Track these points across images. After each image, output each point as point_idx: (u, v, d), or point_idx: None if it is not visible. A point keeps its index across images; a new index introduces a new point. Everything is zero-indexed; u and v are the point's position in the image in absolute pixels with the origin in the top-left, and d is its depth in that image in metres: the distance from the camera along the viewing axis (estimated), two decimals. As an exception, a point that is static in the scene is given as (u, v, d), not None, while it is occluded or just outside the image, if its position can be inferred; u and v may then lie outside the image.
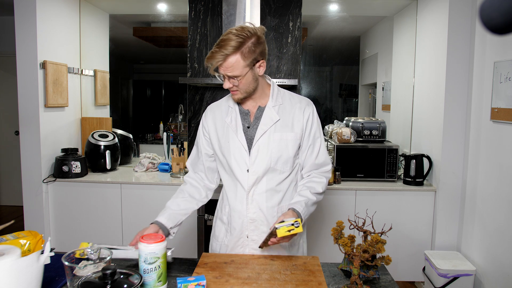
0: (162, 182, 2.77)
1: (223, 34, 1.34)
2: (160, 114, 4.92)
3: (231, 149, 1.45)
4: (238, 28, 1.34)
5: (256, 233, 1.47)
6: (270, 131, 1.44)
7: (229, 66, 1.33)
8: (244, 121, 1.47)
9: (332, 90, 4.45)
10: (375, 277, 1.28)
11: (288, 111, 1.47)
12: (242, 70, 1.34)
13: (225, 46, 1.30)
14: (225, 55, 1.31)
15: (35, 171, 2.79)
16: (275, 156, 1.44)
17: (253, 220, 1.47)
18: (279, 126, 1.45)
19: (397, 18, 3.57)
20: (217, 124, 1.50)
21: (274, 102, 1.47)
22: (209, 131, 1.52)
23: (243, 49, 1.32)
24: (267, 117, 1.45)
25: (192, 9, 3.05)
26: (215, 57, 1.32)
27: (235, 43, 1.30)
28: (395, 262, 2.71)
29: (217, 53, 1.31)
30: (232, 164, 1.45)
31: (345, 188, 2.74)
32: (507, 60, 2.16)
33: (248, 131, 1.46)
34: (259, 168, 1.43)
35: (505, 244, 2.18)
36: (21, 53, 2.73)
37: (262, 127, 1.44)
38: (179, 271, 1.32)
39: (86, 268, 1.06)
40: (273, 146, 1.43)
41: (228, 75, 1.35)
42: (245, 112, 1.48)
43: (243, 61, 1.33)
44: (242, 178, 1.45)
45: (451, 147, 2.64)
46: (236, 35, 1.31)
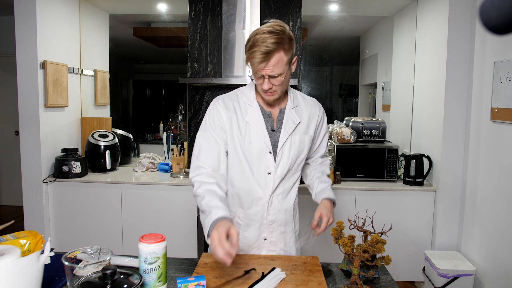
0: (162, 182, 2.77)
1: (255, 34, 1.28)
2: (160, 114, 4.92)
3: (254, 151, 1.39)
4: (273, 25, 1.28)
5: (275, 234, 1.48)
6: (293, 134, 1.44)
7: (273, 64, 1.27)
8: (268, 123, 1.42)
9: (332, 90, 4.45)
10: (375, 277, 1.28)
11: (304, 113, 1.47)
12: (284, 67, 1.30)
13: (267, 44, 1.24)
14: (269, 52, 1.24)
15: (35, 171, 2.79)
16: (294, 158, 1.45)
17: (272, 221, 1.46)
18: (298, 128, 1.45)
19: (397, 18, 3.57)
20: (233, 121, 1.40)
21: (292, 103, 1.45)
22: (225, 125, 1.40)
23: (284, 45, 1.28)
24: (290, 120, 1.43)
25: (192, 9, 3.05)
26: (256, 57, 1.25)
27: (276, 39, 1.25)
28: (395, 262, 2.71)
29: (260, 53, 1.24)
30: (253, 166, 1.41)
31: (345, 188, 2.74)
32: (507, 60, 2.16)
33: (273, 134, 1.42)
34: (282, 171, 1.43)
35: (505, 244, 2.18)
36: (21, 53, 2.73)
37: (286, 130, 1.42)
38: (179, 271, 1.32)
39: (86, 268, 1.06)
40: (294, 148, 1.44)
41: (271, 75, 1.29)
42: (267, 113, 1.43)
43: (285, 57, 1.29)
44: (263, 181, 1.42)
45: (451, 147, 2.64)
46: (272, 32, 1.26)
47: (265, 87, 1.32)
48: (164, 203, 2.77)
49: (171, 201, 2.76)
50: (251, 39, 1.29)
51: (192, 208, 2.74)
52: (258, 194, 1.44)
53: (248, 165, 1.41)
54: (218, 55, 3.05)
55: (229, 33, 2.82)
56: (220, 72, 3.05)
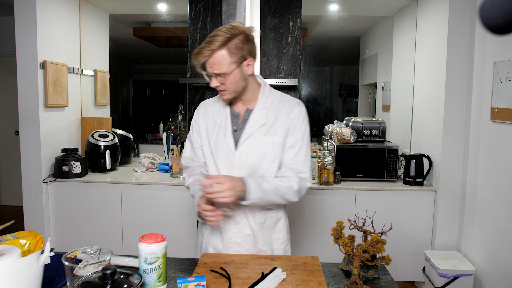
0: (162, 182, 2.77)
1: (212, 32, 1.34)
2: (160, 114, 4.92)
3: (219, 150, 1.45)
4: (227, 26, 1.34)
5: (239, 235, 1.47)
6: (255, 135, 1.42)
7: (216, 63, 1.32)
8: (233, 123, 1.46)
9: (332, 90, 4.45)
10: (375, 277, 1.28)
11: (276, 114, 1.44)
12: (228, 67, 1.33)
13: (212, 42, 1.30)
14: (211, 50, 1.30)
15: (35, 171, 2.79)
16: (258, 160, 1.42)
17: (236, 222, 1.47)
18: (265, 129, 1.43)
19: (397, 18, 3.57)
20: (208, 122, 1.50)
21: (263, 104, 1.45)
22: (200, 128, 1.52)
23: (229, 45, 1.31)
24: (253, 121, 1.43)
25: (192, 9, 3.05)
26: (201, 53, 1.31)
27: (222, 38, 1.30)
28: (395, 262, 2.71)
29: (204, 49, 1.31)
30: (219, 165, 1.46)
31: (345, 188, 2.74)
32: (507, 60, 2.16)
33: (235, 134, 1.45)
34: (242, 171, 1.42)
35: (505, 244, 2.18)
36: (21, 53, 2.73)
37: (247, 130, 1.43)
38: (179, 271, 1.32)
39: (86, 268, 1.06)
40: (257, 150, 1.42)
41: (215, 73, 1.34)
42: (235, 114, 1.48)
43: (229, 57, 1.32)
44: None
45: (451, 147, 2.64)
46: (224, 32, 1.31)
47: (212, 84, 1.37)
48: (164, 203, 2.77)
49: (171, 201, 2.76)
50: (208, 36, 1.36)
51: (192, 208, 2.73)
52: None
53: (217, 165, 1.47)
54: (218, 55, 3.04)
55: (229, 33, 2.82)
56: (220, 72, 3.05)
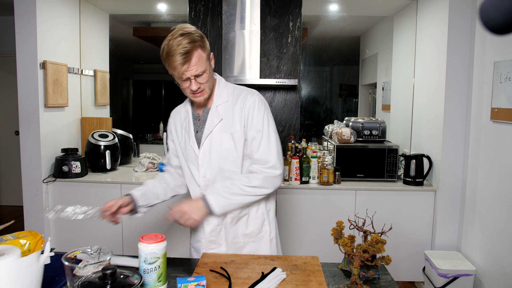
0: (162, 182, 2.76)
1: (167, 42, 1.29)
2: (160, 114, 4.91)
3: (188, 153, 1.47)
4: (176, 30, 1.30)
5: (214, 234, 1.48)
6: (214, 132, 1.41)
7: (195, 63, 1.30)
8: (195, 125, 1.47)
9: (332, 90, 4.45)
10: (375, 277, 1.28)
11: (231, 108, 1.43)
12: (205, 64, 1.33)
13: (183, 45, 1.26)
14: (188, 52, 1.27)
15: (35, 171, 2.79)
16: (221, 157, 1.42)
17: (209, 221, 1.47)
18: (223, 126, 1.41)
19: (397, 18, 3.57)
20: (177, 128, 1.53)
21: (218, 101, 1.44)
22: (172, 135, 1.55)
23: (199, 42, 1.30)
24: (210, 119, 1.43)
25: (192, 9, 3.05)
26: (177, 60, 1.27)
27: (190, 39, 1.27)
28: (395, 262, 2.71)
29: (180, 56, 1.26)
30: (190, 167, 1.48)
31: (345, 188, 2.74)
32: (507, 60, 2.16)
33: (197, 135, 1.45)
34: (208, 170, 1.43)
35: (505, 244, 2.18)
36: (21, 53, 2.73)
37: (206, 130, 1.42)
38: (179, 271, 1.32)
39: (86, 268, 1.06)
40: (218, 147, 1.41)
41: (195, 74, 1.31)
42: (196, 115, 1.48)
43: (204, 53, 1.32)
44: (200, 182, 1.46)
45: (451, 147, 2.64)
46: (183, 34, 1.28)
47: (194, 88, 1.33)
48: (164, 203, 2.76)
49: (171, 201, 2.76)
50: (165, 47, 1.30)
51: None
52: (197, 193, 1.49)
53: (188, 166, 1.49)
54: (218, 55, 3.05)
55: (229, 33, 2.82)
56: (220, 72, 3.05)
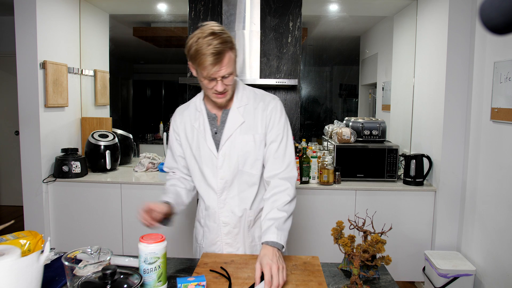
0: (162, 182, 2.77)
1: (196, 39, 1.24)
2: (160, 114, 4.92)
3: (202, 154, 1.44)
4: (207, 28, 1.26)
5: (230, 236, 1.47)
6: (235, 134, 1.41)
7: (226, 65, 1.26)
8: (212, 125, 1.44)
9: (332, 90, 4.45)
10: (375, 277, 1.28)
11: (252, 111, 1.43)
12: (233, 66, 1.31)
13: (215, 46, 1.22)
14: (220, 52, 1.23)
15: (35, 171, 2.79)
16: (242, 159, 1.41)
17: (226, 223, 1.46)
18: (243, 128, 1.41)
19: (397, 18, 3.57)
20: (186, 128, 1.47)
21: (239, 103, 1.43)
22: (179, 135, 1.49)
23: (230, 44, 1.27)
24: (232, 121, 1.41)
25: (192, 9, 3.05)
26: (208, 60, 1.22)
27: (221, 39, 1.24)
28: (395, 262, 2.71)
29: (211, 56, 1.22)
30: (203, 169, 1.45)
31: (345, 188, 2.74)
32: (507, 60, 2.16)
33: (216, 136, 1.43)
34: (227, 172, 1.42)
35: (505, 244, 2.18)
36: (21, 53, 2.73)
37: (226, 131, 1.41)
38: (179, 271, 1.32)
39: (86, 268, 1.06)
40: (238, 149, 1.41)
41: (223, 75, 1.27)
42: (212, 116, 1.45)
43: (233, 55, 1.29)
44: (213, 182, 1.44)
45: (451, 147, 2.64)
46: (215, 33, 1.24)
47: (220, 89, 1.30)
48: (164, 203, 2.77)
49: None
50: (193, 45, 1.25)
51: (192, 208, 2.73)
52: (211, 195, 1.47)
53: (201, 168, 1.45)
54: (218, 55, 3.04)
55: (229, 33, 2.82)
56: (220, 72, 3.05)
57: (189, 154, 1.48)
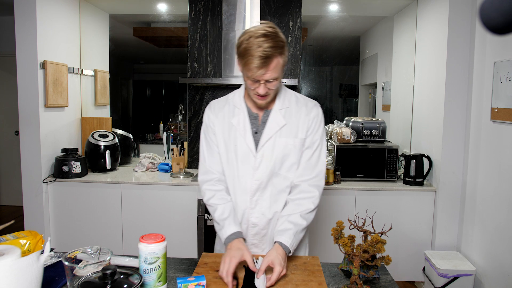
0: (162, 182, 2.77)
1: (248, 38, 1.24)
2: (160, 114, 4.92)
3: (239, 153, 1.41)
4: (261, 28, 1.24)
5: (257, 237, 1.47)
6: (275, 136, 1.40)
7: (272, 69, 1.25)
8: (252, 125, 1.42)
9: (332, 90, 4.44)
10: (375, 277, 1.28)
11: (294, 115, 1.42)
12: (280, 71, 1.29)
13: (264, 48, 1.21)
14: (268, 57, 1.22)
15: (35, 171, 2.79)
16: (279, 161, 1.41)
17: (255, 224, 1.45)
18: (284, 131, 1.41)
19: (397, 18, 3.57)
20: (224, 123, 1.44)
21: (280, 105, 1.42)
22: (215, 130, 1.46)
23: (280, 48, 1.25)
24: (273, 122, 1.40)
25: (192, 9, 3.05)
26: (254, 63, 1.22)
27: (273, 42, 1.23)
28: (395, 262, 2.71)
29: (259, 59, 1.21)
30: (239, 168, 1.42)
31: (345, 188, 2.74)
32: (507, 60, 2.16)
33: (256, 136, 1.42)
34: (263, 173, 1.41)
35: (505, 244, 2.18)
36: (21, 53, 2.73)
37: (268, 132, 1.40)
38: (179, 271, 1.32)
39: (86, 268, 1.06)
40: (278, 151, 1.40)
41: (267, 79, 1.27)
42: (253, 115, 1.43)
43: (281, 60, 1.28)
44: (248, 183, 1.42)
45: (451, 147, 2.64)
46: (267, 36, 1.23)
47: (261, 92, 1.30)
48: (164, 203, 2.77)
49: (171, 201, 2.76)
50: (243, 42, 1.24)
51: (192, 208, 2.74)
52: (243, 195, 1.45)
53: (235, 166, 1.44)
54: (218, 55, 3.05)
55: (229, 33, 2.82)
56: (220, 72, 3.06)
57: (223, 151, 1.45)
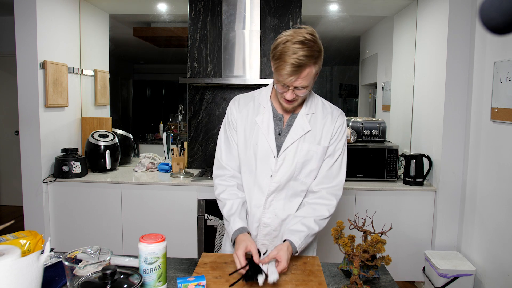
0: (162, 182, 2.77)
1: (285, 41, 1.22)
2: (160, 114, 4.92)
3: (259, 152, 1.41)
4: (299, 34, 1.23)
5: (268, 238, 1.47)
6: (299, 141, 1.40)
7: (302, 78, 1.24)
8: (276, 126, 1.42)
9: (332, 90, 4.45)
10: (375, 277, 1.28)
11: (320, 122, 1.42)
12: (311, 80, 1.28)
13: (298, 56, 1.20)
14: (300, 65, 1.20)
15: (35, 171, 2.79)
16: (299, 166, 1.41)
17: (267, 225, 1.45)
18: (308, 137, 1.40)
19: (397, 18, 3.57)
20: (247, 120, 1.43)
21: (307, 110, 1.42)
22: (237, 125, 1.45)
23: (315, 58, 1.24)
24: (298, 126, 1.40)
25: (192, 9, 3.05)
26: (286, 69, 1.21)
27: (308, 51, 1.21)
28: (395, 262, 2.71)
29: (291, 66, 1.20)
30: (257, 167, 1.42)
31: (345, 188, 2.73)
32: (507, 60, 2.16)
33: (279, 137, 1.41)
34: (282, 176, 1.40)
35: (505, 244, 2.18)
36: (21, 53, 2.73)
37: (292, 135, 1.39)
38: (179, 271, 1.32)
39: (86, 268, 1.06)
40: (300, 156, 1.40)
41: (296, 86, 1.26)
42: (279, 116, 1.43)
43: (314, 70, 1.26)
44: (264, 182, 1.42)
45: (451, 147, 2.64)
46: (304, 43, 1.21)
47: (288, 97, 1.30)
48: (164, 203, 2.77)
49: (171, 201, 2.76)
50: (279, 46, 1.24)
51: (192, 208, 2.74)
52: (258, 194, 1.44)
53: (253, 164, 1.43)
54: (218, 55, 3.05)
55: (229, 33, 2.82)
56: (220, 72, 3.06)
57: (242, 148, 1.44)
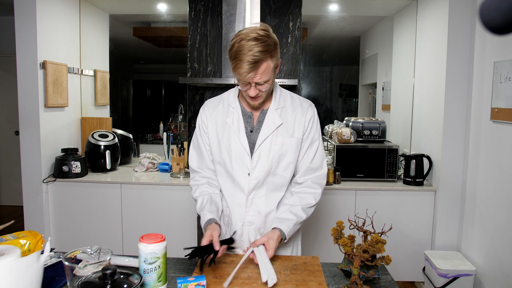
0: (162, 182, 2.77)
1: (239, 40, 1.24)
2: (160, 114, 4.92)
3: (233, 152, 1.42)
4: (252, 31, 1.25)
5: (254, 235, 1.47)
6: (272, 135, 1.41)
7: (261, 73, 1.26)
8: (247, 124, 1.43)
9: (332, 90, 4.45)
10: (375, 277, 1.28)
11: (290, 114, 1.44)
12: (271, 74, 1.30)
13: (254, 53, 1.22)
14: (257, 61, 1.23)
15: (35, 171, 2.79)
16: (276, 160, 1.42)
17: (251, 223, 1.46)
18: (281, 130, 1.42)
19: (397, 18, 3.57)
20: (217, 122, 1.45)
21: (276, 104, 1.43)
22: (208, 129, 1.47)
23: (271, 52, 1.26)
24: (270, 121, 1.41)
25: (192, 9, 3.05)
26: (243, 67, 1.23)
27: (263, 47, 1.23)
28: (395, 262, 2.71)
29: (248, 64, 1.23)
30: (233, 167, 1.43)
31: (345, 188, 2.74)
32: (507, 60, 2.16)
33: (251, 135, 1.42)
34: (260, 172, 1.42)
35: (505, 244, 2.18)
36: (21, 53, 2.73)
37: (264, 131, 1.41)
38: (179, 271, 1.32)
39: (86, 268, 1.06)
40: (275, 150, 1.41)
41: (258, 82, 1.28)
42: (248, 114, 1.44)
43: (272, 64, 1.28)
44: (243, 182, 1.43)
45: (451, 147, 2.64)
46: (258, 39, 1.23)
47: (252, 94, 1.32)
48: (164, 203, 2.77)
49: (171, 201, 2.76)
50: (235, 45, 1.25)
51: (192, 208, 2.74)
52: (238, 194, 1.45)
53: (229, 165, 1.44)
54: (218, 55, 3.05)
55: (229, 33, 2.82)
56: (220, 72, 3.06)
57: (216, 150, 1.45)
